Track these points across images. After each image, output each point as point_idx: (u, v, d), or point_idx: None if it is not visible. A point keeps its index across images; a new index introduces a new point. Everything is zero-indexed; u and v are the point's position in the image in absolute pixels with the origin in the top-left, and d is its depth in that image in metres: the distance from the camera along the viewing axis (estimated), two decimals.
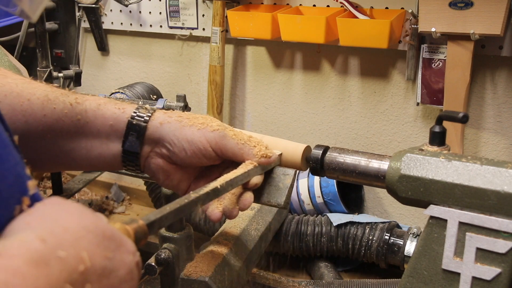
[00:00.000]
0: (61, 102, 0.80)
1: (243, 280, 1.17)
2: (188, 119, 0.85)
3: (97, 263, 0.47)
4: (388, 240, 1.45)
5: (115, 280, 0.49)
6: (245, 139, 0.85)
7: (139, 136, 0.84)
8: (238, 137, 0.85)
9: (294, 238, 1.52)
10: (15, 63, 1.37)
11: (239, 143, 0.84)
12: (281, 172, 0.92)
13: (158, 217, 0.62)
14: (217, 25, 1.77)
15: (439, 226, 0.78)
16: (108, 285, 0.48)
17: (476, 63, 1.49)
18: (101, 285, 0.47)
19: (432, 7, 1.38)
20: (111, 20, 2.07)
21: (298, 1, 1.72)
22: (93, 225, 0.49)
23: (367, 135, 1.74)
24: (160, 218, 0.62)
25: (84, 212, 0.50)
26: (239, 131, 0.88)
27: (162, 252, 0.98)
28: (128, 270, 0.51)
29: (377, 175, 0.85)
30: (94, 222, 0.49)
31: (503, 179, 0.73)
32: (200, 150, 0.83)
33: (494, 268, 0.75)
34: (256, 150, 0.85)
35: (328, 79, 1.76)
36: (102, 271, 0.47)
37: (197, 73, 2.00)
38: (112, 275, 0.49)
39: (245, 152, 0.84)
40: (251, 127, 1.94)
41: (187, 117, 0.86)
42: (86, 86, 2.18)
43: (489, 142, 1.56)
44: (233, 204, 0.85)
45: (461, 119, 0.81)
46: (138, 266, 0.55)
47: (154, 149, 0.86)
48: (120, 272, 0.50)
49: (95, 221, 0.50)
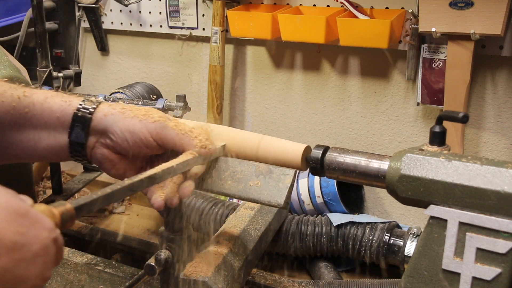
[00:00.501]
0: (9, 96, 0.84)
1: (243, 280, 1.17)
2: (131, 111, 0.89)
3: (7, 237, 0.51)
4: (388, 240, 1.45)
5: (28, 254, 0.53)
6: (186, 130, 0.88)
7: (84, 127, 0.87)
8: (179, 127, 0.88)
9: (294, 238, 1.52)
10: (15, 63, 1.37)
11: (179, 133, 0.87)
12: (281, 172, 0.92)
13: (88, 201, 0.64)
14: (217, 25, 1.77)
15: (439, 226, 0.78)
16: (20, 258, 0.52)
17: (477, 63, 1.49)
18: (12, 258, 0.51)
19: (432, 7, 1.38)
20: (111, 20, 2.07)
21: (298, 1, 1.72)
22: (6, 203, 0.53)
23: (367, 135, 1.74)
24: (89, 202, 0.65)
25: (2, 192, 0.54)
26: (182, 122, 0.91)
27: (162, 252, 0.98)
28: (42, 245, 0.55)
29: (377, 175, 0.85)
30: (8, 201, 0.53)
31: (503, 179, 0.73)
32: (142, 140, 0.87)
33: (494, 268, 0.75)
34: (196, 141, 0.88)
35: (328, 79, 1.76)
36: (13, 244, 0.51)
37: (197, 73, 2.00)
38: (24, 249, 0.52)
39: (185, 142, 0.87)
40: (251, 127, 1.94)
41: (130, 108, 0.89)
42: (86, 86, 2.18)
43: (489, 142, 1.56)
44: (174, 192, 0.87)
45: (461, 119, 0.81)
46: (57, 243, 0.58)
47: (99, 139, 0.89)
48: (34, 247, 0.53)
49: (9, 200, 0.54)
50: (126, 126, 0.87)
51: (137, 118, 0.87)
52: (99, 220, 1.97)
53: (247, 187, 0.94)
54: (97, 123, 0.87)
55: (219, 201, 1.63)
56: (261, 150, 0.95)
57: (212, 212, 1.60)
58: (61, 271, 1.24)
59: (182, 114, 1.48)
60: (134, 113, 0.88)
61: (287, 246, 1.54)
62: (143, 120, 0.87)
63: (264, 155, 0.95)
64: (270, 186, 0.92)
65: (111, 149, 0.89)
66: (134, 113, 0.88)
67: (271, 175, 0.92)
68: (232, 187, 0.96)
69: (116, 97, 1.53)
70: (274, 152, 0.94)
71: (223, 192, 0.97)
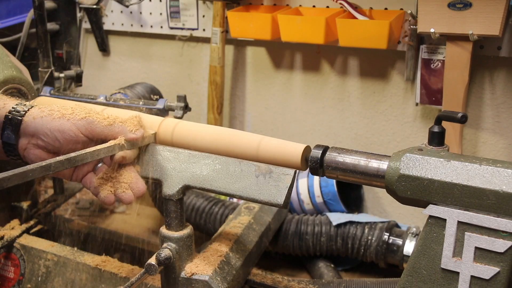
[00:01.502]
0: None
1: (243, 280, 1.18)
2: (59, 111, 0.95)
3: None
4: (387, 239, 1.45)
5: None
6: (114, 121, 0.95)
7: (14, 129, 0.94)
8: (107, 120, 0.95)
9: (294, 238, 1.53)
10: (17, 64, 1.37)
11: (107, 125, 0.94)
12: (281, 172, 0.93)
13: (1, 178, 0.67)
14: (217, 26, 1.78)
15: (438, 225, 0.79)
16: None
17: (475, 64, 1.49)
18: None
19: (431, 8, 1.38)
20: (112, 21, 2.08)
21: (298, 2, 1.72)
22: None
23: (366, 135, 1.75)
24: (2, 178, 0.67)
25: None
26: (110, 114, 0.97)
27: (163, 251, 0.99)
28: None
29: (377, 174, 0.86)
30: None
31: (502, 179, 0.74)
32: (72, 137, 0.93)
33: (492, 267, 0.75)
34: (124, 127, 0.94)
35: (327, 80, 1.76)
36: None
37: (197, 74, 2.01)
38: None
39: (114, 131, 0.94)
40: (251, 127, 1.95)
41: (58, 109, 0.95)
42: (87, 86, 2.19)
43: (488, 142, 1.57)
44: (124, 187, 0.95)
45: (460, 119, 0.82)
46: None
47: (31, 141, 0.95)
48: None
49: None
50: (55, 126, 0.93)
51: (65, 117, 0.94)
52: (100, 219, 1.97)
53: (246, 187, 0.95)
54: (27, 126, 0.94)
55: (219, 201, 1.64)
56: (262, 150, 0.96)
57: (212, 211, 1.61)
58: (62, 271, 1.25)
59: (182, 114, 1.49)
60: (62, 113, 0.94)
61: (287, 246, 1.55)
62: (71, 119, 0.93)
63: (264, 155, 0.96)
64: (270, 186, 0.93)
65: (43, 149, 0.95)
66: (62, 113, 0.94)
67: (271, 175, 0.93)
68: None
69: (116, 97, 1.54)
70: (274, 152, 0.95)
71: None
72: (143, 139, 0.99)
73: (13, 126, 0.94)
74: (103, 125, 0.94)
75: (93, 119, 0.94)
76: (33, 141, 0.95)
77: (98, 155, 0.90)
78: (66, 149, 0.94)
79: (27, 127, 0.94)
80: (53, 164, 0.78)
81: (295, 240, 1.53)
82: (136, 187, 0.95)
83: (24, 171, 0.71)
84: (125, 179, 0.96)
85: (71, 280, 1.23)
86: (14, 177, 0.69)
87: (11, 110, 0.95)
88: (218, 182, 0.96)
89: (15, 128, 0.94)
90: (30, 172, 0.73)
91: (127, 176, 0.96)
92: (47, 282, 1.26)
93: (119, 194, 0.95)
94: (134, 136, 0.95)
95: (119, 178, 0.96)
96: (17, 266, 1.31)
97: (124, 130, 0.94)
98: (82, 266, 1.23)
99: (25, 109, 0.95)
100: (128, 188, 0.95)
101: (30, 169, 0.73)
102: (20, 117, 0.94)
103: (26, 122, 0.94)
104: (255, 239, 1.25)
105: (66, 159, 0.82)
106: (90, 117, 0.94)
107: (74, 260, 1.24)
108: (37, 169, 0.75)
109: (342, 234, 1.50)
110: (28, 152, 0.96)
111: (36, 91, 1.37)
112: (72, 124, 0.93)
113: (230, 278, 1.07)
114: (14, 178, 0.69)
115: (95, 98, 1.54)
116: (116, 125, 0.94)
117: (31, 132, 0.94)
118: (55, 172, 0.81)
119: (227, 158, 0.97)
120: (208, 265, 1.04)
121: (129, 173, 0.96)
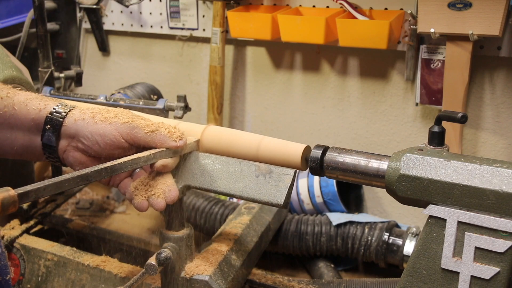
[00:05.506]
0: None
1: (243, 280, 1.18)
2: (101, 114, 0.92)
3: None
4: (387, 239, 1.45)
5: None
6: (156, 128, 0.92)
7: (54, 130, 0.91)
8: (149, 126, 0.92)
9: (294, 238, 1.53)
10: (17, 64, 1.37)
11: (149, 132, 0.91)
12: (281, 171, 0.93)
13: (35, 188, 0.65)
14: (217, 26, 1.78)
15: (438, 225, 0.79)
16: None
17: (475, 64, 1.49)
18: None
19: (431, 8, 1.38)
20: (112, 21, 2.08)
21: (298, 2, 1.72)
22: None
23: (366, 135, 1.75)
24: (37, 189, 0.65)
25: None
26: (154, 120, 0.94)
27: (163, 251, 0.99)
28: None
29: (377, 174, 0.86)
30: None
31: (502, 179, 0.74)
32: (113, 142, 0.90)
33: (492, 267, 0.75)
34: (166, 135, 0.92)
35: (327, 80, 1.76)
36: None
37: (197, 74, 2.01)
38: None
39: (156, 138, 0.91)
40: (251, 127, 1.95)
41: (101, 112, 0.93)
42: (87, 86, 2.19)
43: (488, 142, 1.57)
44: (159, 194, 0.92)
45: (460, 119, 0.82)
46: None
47: (71, 143, 0.93)
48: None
49: None
50: (96, 129, 0.90)
51: (107, 121, 0.91)
52: (100, 219, 1.97)
53: (246, 187, 0.95)
54: (68, 127, 0.91)
55: (219, 201, 1.64)
56: (262, 150, 0.96)
57: (212, 211, 1.61)
58: (63, 271, 1.25)
59: (182, 114, 1.49)
60: (104, 117, 0.92)
61: (287, 246, 1.55)
62: (113, 123, 0.91)
63: (265, 155, 0.96)
64: (270, 186, 0.93)
65: (83, 152, 0.93)
66: (104, 117, 0.92)
67: (271, 175, 0.93)
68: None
69: (116, 97, 1.54)
70: (274, 152, 0.95)
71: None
72: (185, 147, 0.96)
73: (54, 128, 0.91)
74: (145, 131, 0.91)
75: (136, 125, 0.91)
76: (73, 143, 0.92)
77: (138, 164, 0.86)
78: (105, 154, 0.91)
79: (68, 129, 0.91)
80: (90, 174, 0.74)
81: (295, 240, 1.53)
82: (169, 194, 0.92)
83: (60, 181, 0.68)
84: (161, 186, 0.92)
85: (71, 280, 1.23)
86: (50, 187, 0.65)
87: (52, 111, 0.92)
88: (218, 182, 0.96)
89: (56, 129, 0.91)
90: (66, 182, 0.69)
91: (163, 182, 0.93)
92: (47, 282, 1.26)
93: (152, 200, 0.91)
94: (176, 145, 0.92)
95: (155, 184, 0.93)
96: (17, 266, 1.31)
97: (165, 138, 0.91)
98: (82, 266, 1.23)
99: (66, 111, 0.92)
100: (162, 194, 0.92)
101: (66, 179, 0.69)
102: (61, 119, 0.91)
103: (67, 124, 0.91)
104: (255, 239, 1.25)
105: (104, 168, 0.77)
106: (134, 122, 0.91)
107: (74, 260, 1.24)
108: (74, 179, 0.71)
109: (342, 234, 1.50)
110: (67, 154, 0.93)
111: (36, 91, 1.37)
112: (114, 129, 0.90)
113: (230, 278, 1.07)
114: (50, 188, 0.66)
115: (95, 98, 1.54)
116: (157, 132, 0.91)
117: (72, 134, 0.91)
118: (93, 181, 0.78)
119: (227, 158, 0.98)
120: (208, 265, 1.04)
121: (166, 179, 0.93)
